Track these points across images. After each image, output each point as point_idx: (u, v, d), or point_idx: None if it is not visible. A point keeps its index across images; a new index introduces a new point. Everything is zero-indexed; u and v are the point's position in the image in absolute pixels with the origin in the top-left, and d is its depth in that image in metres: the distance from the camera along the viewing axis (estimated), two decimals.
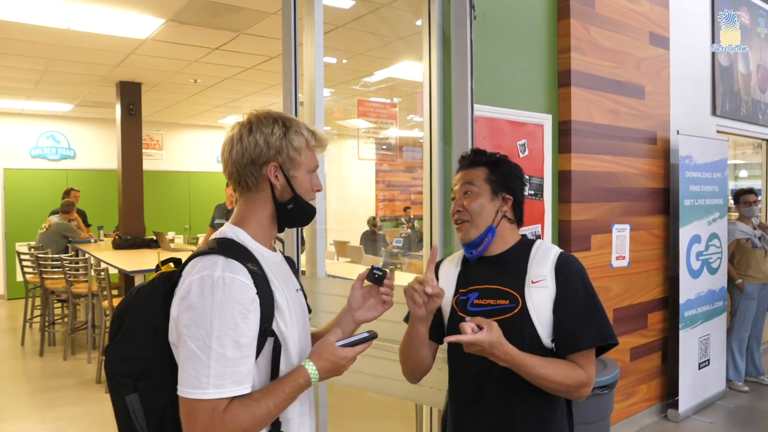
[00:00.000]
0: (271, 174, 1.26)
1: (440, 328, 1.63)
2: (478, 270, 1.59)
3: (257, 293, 1.16)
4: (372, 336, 1.30)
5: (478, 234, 1.55)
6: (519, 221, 1.63)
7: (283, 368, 1.23)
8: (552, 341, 1.46)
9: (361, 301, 1.45)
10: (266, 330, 1.18)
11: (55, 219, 7.36)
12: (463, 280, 1.62)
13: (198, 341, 1.09)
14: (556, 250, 1.53)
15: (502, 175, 1.59)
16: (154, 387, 1.17)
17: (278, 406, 1.16)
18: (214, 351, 1.09)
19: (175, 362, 1.15)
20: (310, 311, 1.46)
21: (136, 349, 1.19)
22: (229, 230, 1.28)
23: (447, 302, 1.61)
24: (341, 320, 1.45)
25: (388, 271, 1.44)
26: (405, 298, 1.46)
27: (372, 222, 8.90)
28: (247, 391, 1.13)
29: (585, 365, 1.45)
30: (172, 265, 1.27)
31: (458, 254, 1.68)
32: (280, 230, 1.34)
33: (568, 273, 1.48)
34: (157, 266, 1.28)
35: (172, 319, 1.15)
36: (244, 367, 1.12)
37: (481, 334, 1.32)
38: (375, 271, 1.42)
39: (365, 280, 1.44)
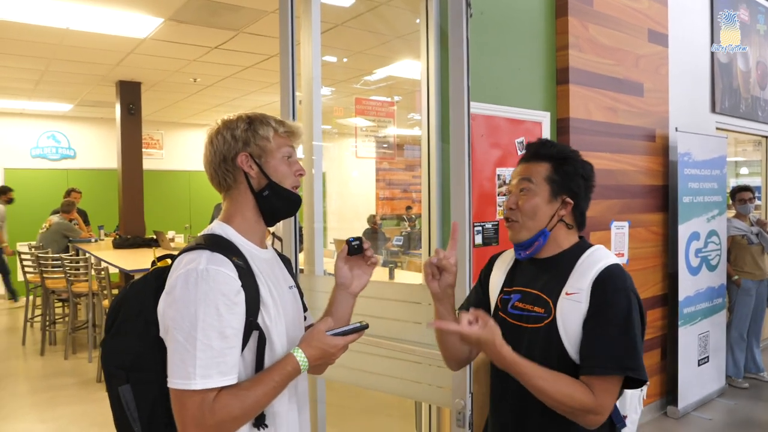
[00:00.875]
0: (243, 164, 1.28)
1: None
2: (527, 270, 1.51)
3: (242, 286, 1.17)
4: (363, 326, 1.30)
5: (529, 237, 1.44)
6: (580, 226, 1.49)
7: (268, 363, 1.23)
8: None
9: (350, 275, 1.45)
10: (251, 323, 1.19)
11: (55, 218, 7.37)
12: (510, 279, 1.54)
13: (184, 332, 1.11)
14: (605, 263, 1.37)
15: (567, 175, 1.43)
16: (145, 379, 1.19)
17: (267, 395, 1.17)
18: (199, 341, 1.11)
19: (166, 355, 1.16)
20: (306, 309, 1.47)
21: (128, 341, 1.22)
22: (216, 226, 1.31)
23: (494, 298, 1.56)
24: (337, 299, 1.45)
25: (362, 236, 1.45)
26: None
27: (372, 220, 8.94)
28: (233, 382, 1.15)
29: (598, 392, 1.29)
30: (169, 261, 1.28)
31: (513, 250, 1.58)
32: (268, 223, 1.34)
33: (604, 290, 1.33)
34: (153, 262, 1.30)
35: (159, 314, 1.17)
36: (229, 358, 1.14)
37: (471, 327, 1.25)
38: (352, 243, 1.43)
39: (347, 256, 1.44)
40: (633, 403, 1.51)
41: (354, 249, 1.43)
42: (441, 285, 1.44)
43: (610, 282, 1.34)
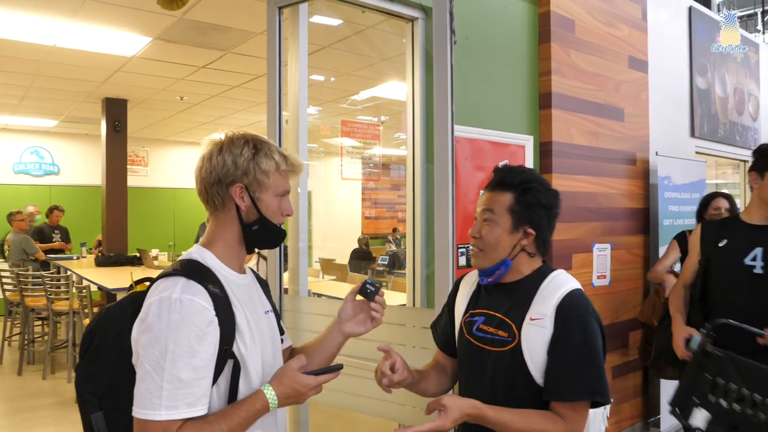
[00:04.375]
0: (236, 195, 1.27)
1: (454, 343, 1.62)
2: (491, 294, 1.54)
3: (217, 315, 1.16)
4: (338, 367, 1.30)
5: (490, 265, 1.48)
6: (543, 253, 1.52)
7: (243, 391, 1.22)
8: None
9: (351, 315, 1.44)
10: (226, 352, 1.18)
11: (10, 236, 7.29)
12: (474, 301, 1.58)
13: (152, 362, 1.10)
14: (566, 288, 1.41)
15: (528, 205, 1.45)
16: (118, 406, 1.17)
17: (233, 430, 1.15)
18: (167, 372, 1.09)
19: None
20: (282, 332, 1.46)
21: (103, 367, 1.20)
22: (195, 251, 1.29)
23: (459, 320, 1.59)
24: (330, 332, 1.45)
25: (381, 287, 1.42)
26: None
27: (364, 241, 9.01)
28: (202, 413, 1.13)
29: (569, 418, 1.35)
30: (147, 284, 1.27)
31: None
32: (249, 251, 1.34)
33: (567, 316, 1.37)
34: (131, 286, 1.29)
35: (132, 340, 1.16)
36: (198, 389, 1.12)
37: (439, 419, 1.30)
38: (367, 286, 1.40)
39: (357, 294, 1.43)
40: (597, 420, 1.54)
41: (366, 292, 1.41)
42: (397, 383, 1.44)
43: (572, 308, 1.38)
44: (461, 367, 1.59)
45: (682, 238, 3.64)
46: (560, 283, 1.44)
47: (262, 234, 1.31)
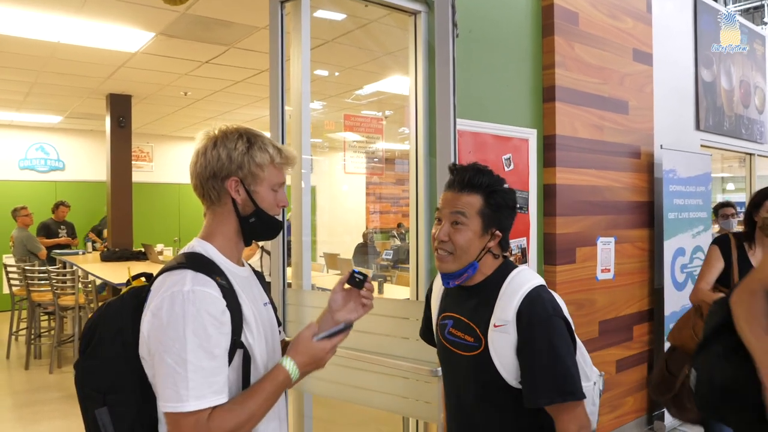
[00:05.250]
0: (231, 188, 1.28)
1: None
2: (456, 296, 1.55)
3: (227, 306, 1.18)
4: (348, 326, 1.32)
5: (458, 269, 1.47)
6: (504, 250, 1.53)
7: (252, 380, 1.24)
8: (520, 383, 1.40)
9: (341, 304, 1.45)
10: (236, 342, 1.19)
11: (15, 232, 7.33)
12: (444, 303, 1.60)
13: (174, 355, 1.11)
14: (525, 289, 1.41)
15: (497, 207, 1.46)
16: (123, 401, 1.18)
17: (261, 407, 1.18)
18: (190, 363, 1.11)
19: (145, 377, 1.17)
20: (280, 324, 1.48)
21: (105, 363, 1.21)
22: (197, 244, 1.30)
23: (435, 322, 1.63)
24: (322, 322, 1.46)
25: (368, 275, 1.45)
26: None
27: (369, 236, 9.02)
28: (226, 399, 1.15)
29: (567, 419, 1.36)
30: (143, 279, 1.28)
31: None
32: (247, 243, 1.35)
33: (528, 320, 1.37)
34: (128, 281, 1.30)
35: (141, 335, 1.17)
36: (221, 377, 1.15)
37: None
38: (355, 275, 1.43)
39: (345, 284, 1.45)
40: (588, 401, 1.54)
41: (354, 281, 1.43)
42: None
43: (533, 312, 1.38)
44: (441, 367, 1.64)
45: (724, 244, 2.90)
46: (520, 283, 1.44)
47: (260, 226, 1.32)
